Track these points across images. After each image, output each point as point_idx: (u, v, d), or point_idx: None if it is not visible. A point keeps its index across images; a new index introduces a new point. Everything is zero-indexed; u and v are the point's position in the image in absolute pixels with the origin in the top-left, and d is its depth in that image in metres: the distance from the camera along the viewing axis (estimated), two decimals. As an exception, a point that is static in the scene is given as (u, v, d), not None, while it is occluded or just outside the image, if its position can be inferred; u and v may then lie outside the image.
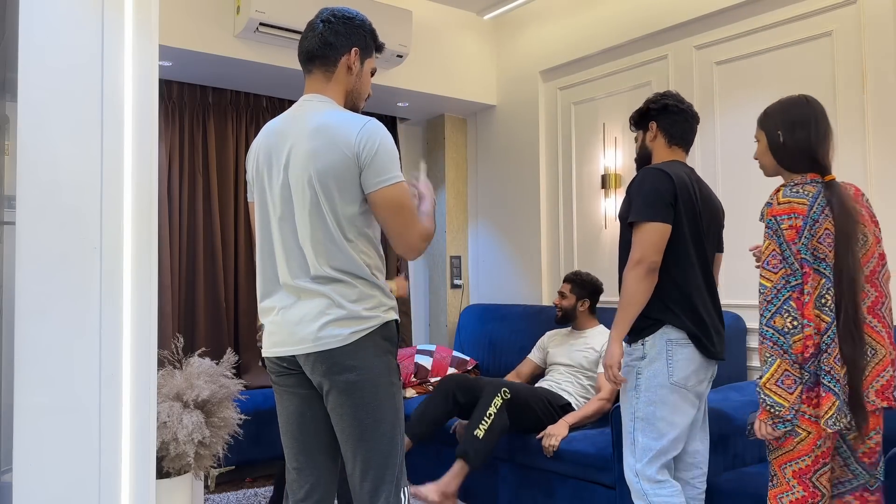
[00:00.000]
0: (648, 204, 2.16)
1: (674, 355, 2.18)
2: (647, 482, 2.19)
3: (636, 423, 2.22)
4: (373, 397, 1.76)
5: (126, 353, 1.46)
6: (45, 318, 1.38)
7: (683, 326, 2.18)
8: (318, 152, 1.74)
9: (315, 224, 1.76)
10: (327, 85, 1.87)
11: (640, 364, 2.22)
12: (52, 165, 1.41)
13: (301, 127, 1.80)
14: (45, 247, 1.40)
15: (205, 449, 2.82)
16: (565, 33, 4.22)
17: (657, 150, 2.39)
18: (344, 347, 1.74)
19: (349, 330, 1.74)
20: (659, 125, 2.38)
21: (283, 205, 1.80)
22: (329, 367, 1.75)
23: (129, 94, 1.49)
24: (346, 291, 1.75)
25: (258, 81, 4.12)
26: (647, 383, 2.19)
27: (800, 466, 1.89)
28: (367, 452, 1.77)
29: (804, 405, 1.88)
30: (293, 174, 1.78)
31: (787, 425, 1.88)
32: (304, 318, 1.76)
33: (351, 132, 1.75)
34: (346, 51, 1.87)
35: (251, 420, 3.70)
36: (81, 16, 1.45)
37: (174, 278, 4.02)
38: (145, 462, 1.47)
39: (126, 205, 1.48)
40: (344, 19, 1.87)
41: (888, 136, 2.88)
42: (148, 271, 1.50)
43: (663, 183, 2.19)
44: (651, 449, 2.19)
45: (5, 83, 2.28)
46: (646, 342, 2.21)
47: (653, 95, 2.43)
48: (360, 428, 1.76)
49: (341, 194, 1.74)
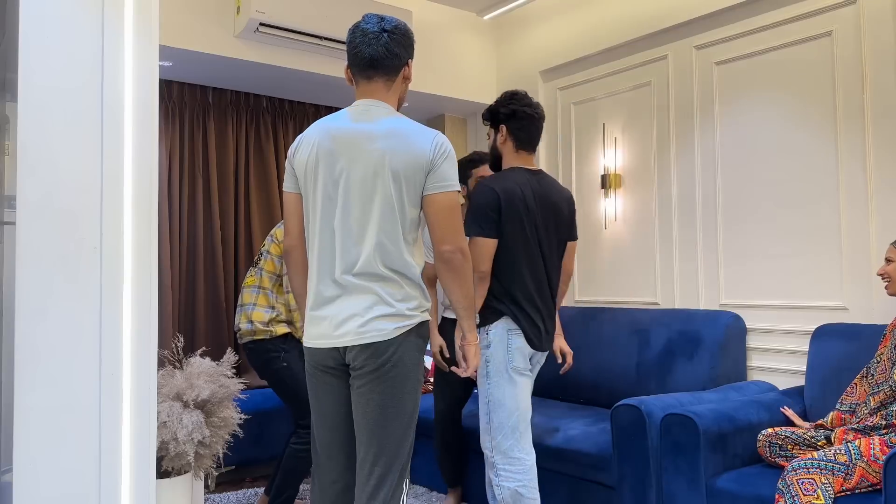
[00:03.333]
0: (476, 220, 2.42)
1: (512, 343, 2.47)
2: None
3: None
4: (401, 388, 1.87)
5: (126, 353, 1.46)
6: (45, 318, 1.39)
7: (515, 319, 2.45)
8: (395, 153, 1.86)
9: (381, 222, 1.87)
10: (387, 93, 1.98)
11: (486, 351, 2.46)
12: (52, 165, 1.41)
13: (371, 128, 1.90)
14: (45, 247, 1.40)
15: (205, 449, 2.82)
16: (565, 33, 4.22)
17: (506, 154, 2.59)
18: (387, 341, 1.86)
19: (394, 325, 1.86)
20: (509, 129, 2.56)
21: (345, 202, 1.88)
22: (369, 357, 1.85)
23: (129, 94, 1.49)
24: (394, 291, 1.88)
25: (258, 81, 4.12)
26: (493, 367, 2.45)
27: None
28: (384, 439, 1.86)
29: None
30: (361, 173, 1.87)
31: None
32: (352, 312, 1.87)
33: (427, 139, 1.90)
34: (406, 62, 2.00)
35: (251, 420, 3.70)
36: (81, 16, 1.45)
37: (174, 278, 4.02)
38: (145, 462, 1.47)
39: (126, 205, 1.48)
40: (405, 32, 1.99)
41: (888, 135, 2.88)
42: (148, 271, 1.50)
43: (488, 198, 2.43)
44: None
45: (5, 83, 2.28)
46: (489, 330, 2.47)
47: (503, 96, 2.58)
48: (383, 415, 1.86)
49: (409, 196, 1.88)
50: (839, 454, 2.14)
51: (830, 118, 3.06)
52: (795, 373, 3.11)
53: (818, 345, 2.89)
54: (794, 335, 3.13)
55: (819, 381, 2.84)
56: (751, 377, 3.30)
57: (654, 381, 3.32)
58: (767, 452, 2.53)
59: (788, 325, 3.17)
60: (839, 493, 2.11)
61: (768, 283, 3.25)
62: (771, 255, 3.24)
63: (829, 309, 3.03)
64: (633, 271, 3.84)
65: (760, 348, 3.26)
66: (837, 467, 2.11)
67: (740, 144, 3.39)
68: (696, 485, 2.48)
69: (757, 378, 3.27)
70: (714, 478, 2.49)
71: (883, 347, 2.45)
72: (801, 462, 2.14)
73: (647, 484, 2.61)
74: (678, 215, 3.64)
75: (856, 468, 2.12)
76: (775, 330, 3.21)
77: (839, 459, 2.12)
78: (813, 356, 2.89)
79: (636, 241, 3.82)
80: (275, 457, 3.81)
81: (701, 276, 3.52)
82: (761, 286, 3.28)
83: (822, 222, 3.07)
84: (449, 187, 1.90)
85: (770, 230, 3.25)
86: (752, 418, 2.66)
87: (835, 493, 2.09)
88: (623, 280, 3.89)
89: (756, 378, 3.27)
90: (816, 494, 2.07)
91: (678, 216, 3.64)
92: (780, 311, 3.20)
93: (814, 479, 2.09)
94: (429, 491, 3.62)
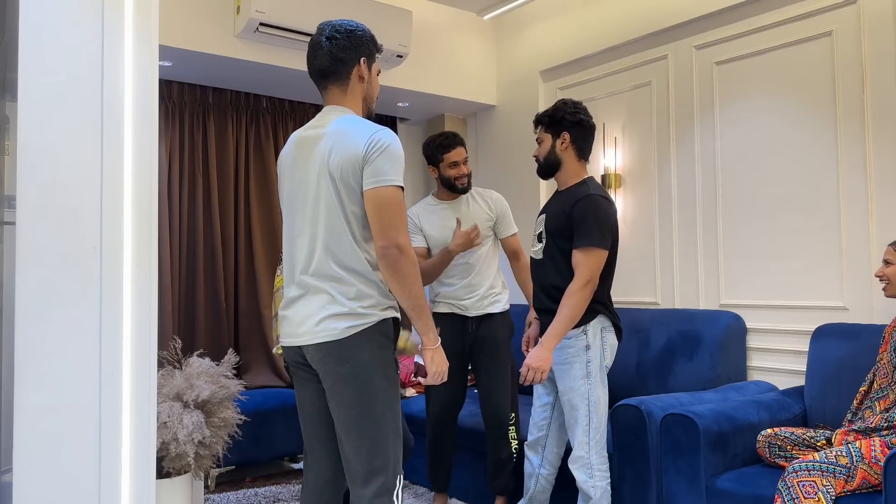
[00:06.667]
0: (602, 232, 2.43)
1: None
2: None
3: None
4: (366, 388, 1.85)
5: (126, 353, 1.46)
6: (45, 318, 1.38)
7: (607, 315, 2.52)
8: (333, 153, 1.87)
9: (326, 222, 1.88)
10: (344, 97, 2.00)
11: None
12: (52, 165, 1.41)
13: (321, 131, 1.94)
14: (45, 247, 1.40)
15: (205, 449, 2.82)
16: (565, 33, 4.22)
17: (568, 161, 2.58)
18: (340, 341, 1.85)
19: (345, 325, 1.85)
20: (572, 138, 2.55)
21: (301, 205, 1.94)
22: (324, 358, 1.86)
23: (129, 94, 1.49)
24: (346, 289, 1.87)
25: (258, 81, 4.12)
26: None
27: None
28: (359, 441, 1.85)
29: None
30: (310, 175, 1.92)
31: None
32: (308, 312, 1.90)
33: (364, 136, 1.87)
34: (356, 63, 1.98)
35: (251, 420, 3.70)
36: (81, 16, 1.45)
37: (174, 278, 4.02)
38: (145, 462, 1.47)
39: (126, 205, 1.48)
40: (347, 33, 1.97)
41: (888, 135, 2.88)
42: (148, 271, 1.50)
43: (612, 211, 2.48)
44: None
45: (5, 83, 2.28)
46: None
47: (564, 104, 2.56)
48: (353, 417, 1.85)
49: (348, 193, 1.87)
50: (840, 456, 2.13)
51: (830, 118, 3.06)
52: (795, 373, 3.10)
53: (818, 345, 2.89)
54: (794, 335, 3.13)
55: (819, 381, 2.84)
56: (751, 377, 3.30)
57: (654, 381, 3.31)
58: (767, 453, 2.53)
59: (788, 325, 3.17)
60: (840, 495, 2.11)
61: (768, 283, 3.25)
62: (771, 255, 3.24)
63: (829, 309, 3.03)
64: (633, 271, 3.83)
65: (760, 348, 3.26)
66: (839, 469, 2.10)
67: (740, 144, 3.39)
68: (696, 485, 2.48)
69: (757, 378, 3.27)
70: (714, 478, 2.49)
71: (883, 351, 2.44)
72: (802, 464, 2.13)
73: (647, 484, 2.61)
74: (678, 215, 3.64)
75: (857, 470, 2.11)
76: (775, 330, 3.21)
77: (840, 461, 2.12)
78: (813, 356, 2.89)
79: (636, 240, 3.82)
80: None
81: (701, 276, 3.52)
82: (761, 286, 3.28)
83: (822, 222, 3.07)
84: (381, 182, 1.85)
85: (770, 230, 3.25)
86: (752, 418, 2.66)
87: (836, 495, 2.09)
88: (623, 280, 3.89)
89: (756, 378, 3.27)
90: (817, 497, 2.06)
91: (678, 216, 3.64)
92: (780, 311, 3.20)
93: (815, 481, 2.09)
94: (429, 491, 3.62)
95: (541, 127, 2.62)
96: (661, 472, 2.59)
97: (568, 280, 2.47)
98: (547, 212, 2.60)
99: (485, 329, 3.05)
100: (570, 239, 2.48)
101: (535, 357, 2.39)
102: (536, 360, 2.38)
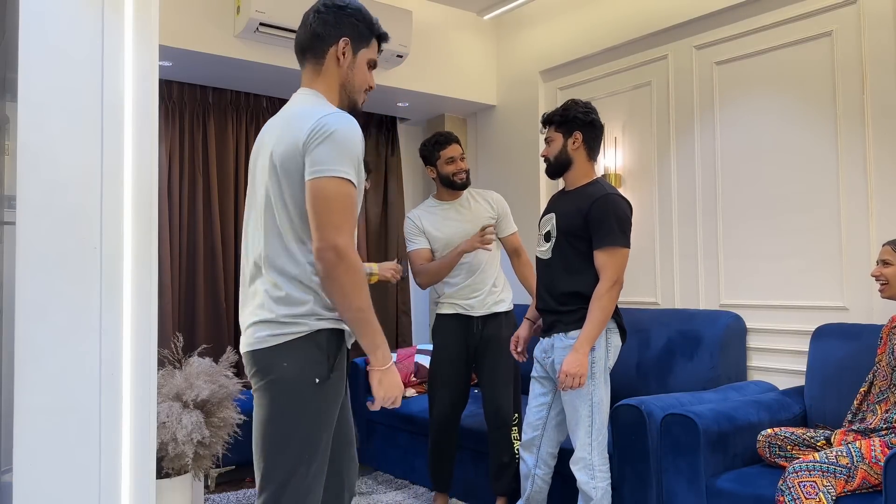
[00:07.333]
0: (625, 232, 2.43)
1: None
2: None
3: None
4: (283, 407, 1.61)
5: (126, 353, 1.46)
6: (45, 318, 1.38)
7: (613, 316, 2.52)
8: (279, 141, 1.66)
9: (266, 218, 1.68)
10: (316, 79, 1.77)
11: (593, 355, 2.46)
12: (52, 165, 1.41)
13: (276, 119, 1.74)
14: (45, 247, 1.40)
15: (204, 449, 2.82)
16: (565, 33, 4.22)
17: (579, 161, 2.57)
18: (263, 350, 1.63)
19: (267, 333, 1.63)
20: (584, 137, 2.54)
21: (251, 199, 1.76)
22: (249, 367, 1.68)
23: (129, 94, 1.49)
24: (275, 293, 1.64)
25: (258, 81, 4.12)
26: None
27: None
28: (266, 461, 1.62)
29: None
30: (258, 167, 1.73)
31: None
32: (243, 317, 1.73)
33: (310, 120, 1.62)
34: (335, 41, 1.75)
35: (251, 420, 3.69)
36: (81, 16, 1.45)
37: (174, 278, 4.02)
38: (145, 462, 1.47)
39: (126, 205, 1.48)
40: (335, 9, 1.75)
41: (888, 135, 2.88)
42: (148, 271, 1.50)
43: (630, 210, 2.49)
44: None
45: (5, 83, 2.28)
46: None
47: (575, 104, 2.55)
48: (263, 434, 1.63)
49: (288, 186, 1.63)
50: (840, 456, 2.13)
51: (830, 118, 3.06)
52: (795, 373, 3.10)
53: (818, 345, 2.89)
54: (794, 335, 3.13)
55: (819, 381, 2.84)
56: (751, 377, 3.30)
57: (654, 381, 3.31)
58: (767, 453, 2.53)
59: (788, 325, 3.17)
60: (840, 495, 2.11)
61: (768, 283, 3.25)
62: (771, 255, 3.24)
63: (829, 309, 3.03)
64: (633, 271, 3.83)
65: (760, 348, 3.26)
66: (839, 470, 2.11)
67: (740, 144, 3.39)
68: (696, 485, 2.48)
69: (757, 378, 3.27)
70: (714, 478, 2.49)
71: (881, 353, 2.44)
72: (803, 464, 2.13)
73: (647, 484, 2.61)
74: (678, 215, 3.64)
75: (857, 470, 2.11)
76: (775, 330, 3.21)
77: (841, 462, 2.12)
78: (813, 356, 2.89)
79: (636, 240, 3.82)
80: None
81: (701, 276, 3.52)
82: (761, 286, 3.28)
83: (822, 222, 3.07)
84: (321, 173, 1.58)
85: (770, 230, 3.25)
86: (752, 418, 2.66)
87: (836, 495, 2.09)
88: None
89: (756, 378, 3.27)
90: (818, 498, 2.06)
91: (678, 216, 3.64)
92: (780, 311, 3.20)
93: (815, 482, 2.09)
94: (429, 491, 3.62)
95: (550, 126, 2.60)
96: (661, 472, 2.59)
97: (577, 280, 2.47)
98: (556, 211, 2.58)
99: (490, 329, 3.06)
100: (585, 239, 2.47)
101: (571, 363, 2.38)
102: (573, 365, 2.38)
